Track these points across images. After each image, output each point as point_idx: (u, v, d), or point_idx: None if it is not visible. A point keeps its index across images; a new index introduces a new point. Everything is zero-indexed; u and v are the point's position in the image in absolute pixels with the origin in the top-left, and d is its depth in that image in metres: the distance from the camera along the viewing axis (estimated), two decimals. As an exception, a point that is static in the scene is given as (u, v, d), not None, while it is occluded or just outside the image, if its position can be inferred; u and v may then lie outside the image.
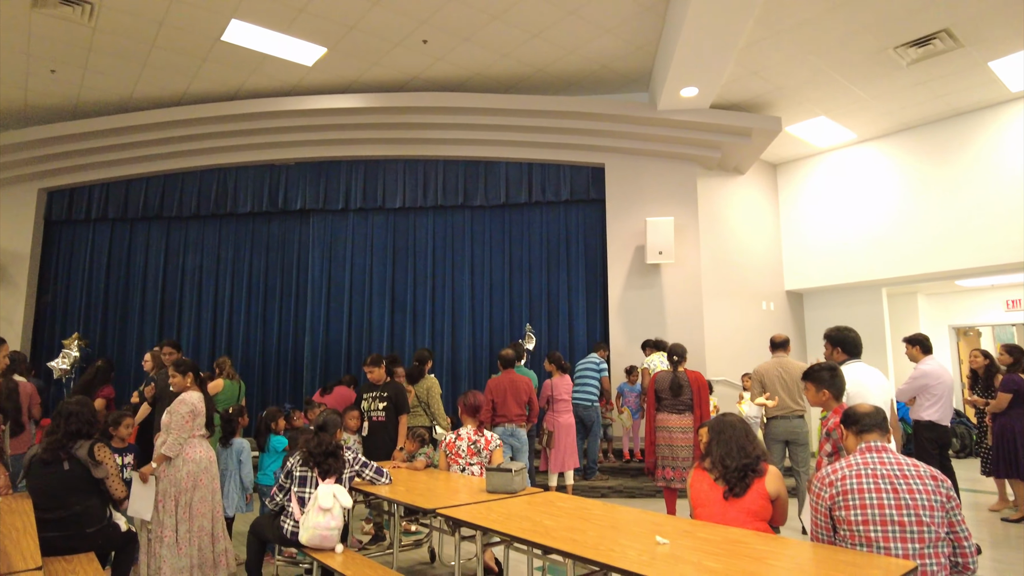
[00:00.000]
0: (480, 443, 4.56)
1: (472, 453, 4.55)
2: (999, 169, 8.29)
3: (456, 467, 4.59)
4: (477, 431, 4.62)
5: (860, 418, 2.68)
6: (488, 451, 4.56)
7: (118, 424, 4.39)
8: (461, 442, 4.58)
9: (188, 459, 4.07)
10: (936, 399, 5.59)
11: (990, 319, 11.27)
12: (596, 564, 2.43)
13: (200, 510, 4.08)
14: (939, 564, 2.35)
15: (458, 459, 4.57)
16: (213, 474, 4.23)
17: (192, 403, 4.14)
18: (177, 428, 4.03)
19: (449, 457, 4.62)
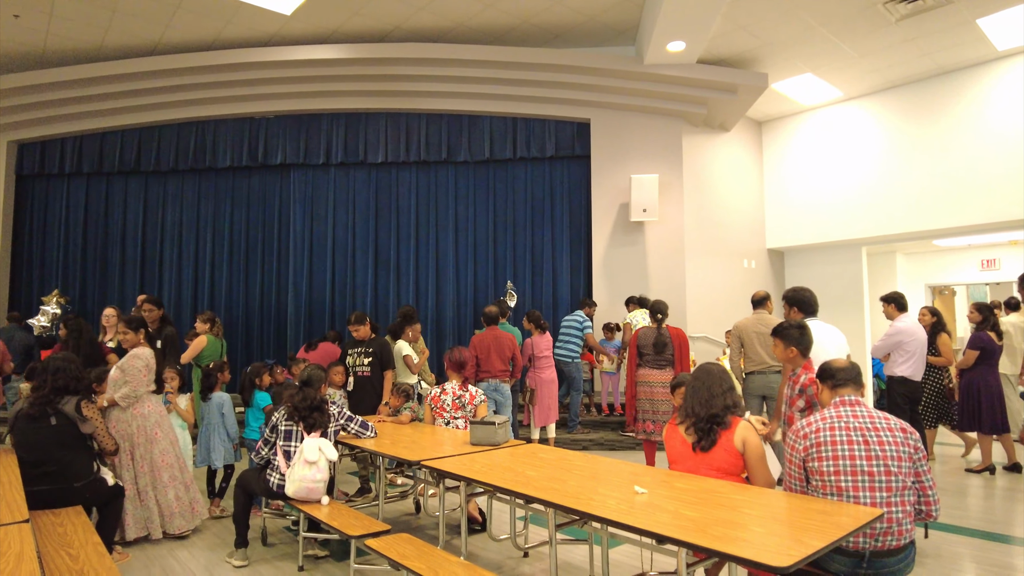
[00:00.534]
0: (465, 398, 4.62)
1: (457, 407, 4.61)
2: (981, 130, 8.32)
3: (441, 420, 4.65)
4: (462, 386, 4.68)
5: (835, 373, 2.75)
6: (473, 405, 4.63)
7: (101, 380, 4.38)
8: (446, 396, 4.64)
9: (137, 414, 4.16)
10: (909, 355, 5.72)
11: (965, 278, 11.48)
12: (577, 513, 2.51)
13: (164, 462, 4.20)
14: (904, 511, 2.45)
15: (443, 413, 4.64)
16: (167, 427, 4.33)
17: (145, 358, 4.23)
18: (134, 381, 4.11)
19: (434, 411, 4.69)
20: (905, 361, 5.72)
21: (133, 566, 3.82)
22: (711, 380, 3.02)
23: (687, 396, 3.06)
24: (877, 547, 2.43)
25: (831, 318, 9.60)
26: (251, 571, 3.75)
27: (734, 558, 1.97)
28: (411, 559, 2.81)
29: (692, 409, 2.98)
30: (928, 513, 2.56)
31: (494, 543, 4.07)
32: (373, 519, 3.46)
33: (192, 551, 4.10)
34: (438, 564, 2.75)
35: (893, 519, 2.43)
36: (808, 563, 2.14)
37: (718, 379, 3.03)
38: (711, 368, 3.10)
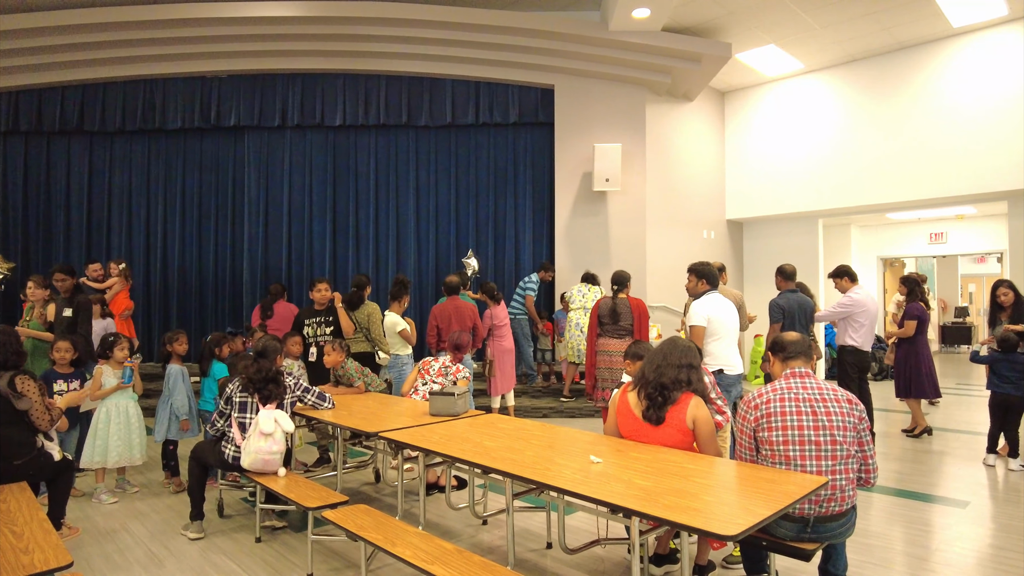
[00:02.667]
0: (451, 368, 4.57)
1: (440, 374, 4.56)
2: (934, 106, 8.51)
3: (420, 381, 4.59)
4: (454, 360, 4.62)
5: (787, 346, 2.81)
6: (455, 377, 4.57)
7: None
8: (436, 363, 4.58)
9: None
10: (860, 326, 5.92)
11: (914, 251, 11.88)
12: (534, 483, 2.53)
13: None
14: (847, 478, 2.55)
15: (426, 374, 4.57)
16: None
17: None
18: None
19: (420, 372, 4.63)
20: (856, 331, 5.92)
21: (84, 540, 3.75)
22: (669, 349, 3.00)
23: (644, 362, 3.08)
24: (821, 513, 2.53)
25: (786, 288, 9.67)
26: (207, 543, 3.72)
27: (684, 527, 2.02)
28: (368, 530, 2.81)
29: (643, 373, 3.00)
30: (867, 480, 2.67)
31: (453, 511, 4.11)
32: (331, 490, 3.45)
33: (147, 524, 4.03)
34: (395, 535, 2.75)
35: (837, 486, 2.52)
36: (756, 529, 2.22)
37: (679, 352, 2.99)
38: (677, 341, 3.07)
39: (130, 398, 4.59)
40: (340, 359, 4.91)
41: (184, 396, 4.73)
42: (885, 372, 10.34)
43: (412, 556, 2.49)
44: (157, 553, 3.56)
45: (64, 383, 4.36)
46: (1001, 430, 5.26)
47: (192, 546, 3.66)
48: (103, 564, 3.42)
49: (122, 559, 3.48)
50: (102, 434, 4.38)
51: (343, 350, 4.94)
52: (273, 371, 3.74)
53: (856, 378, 5.92)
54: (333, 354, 4.90)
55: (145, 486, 4.84)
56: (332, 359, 4.90)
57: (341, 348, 4.93)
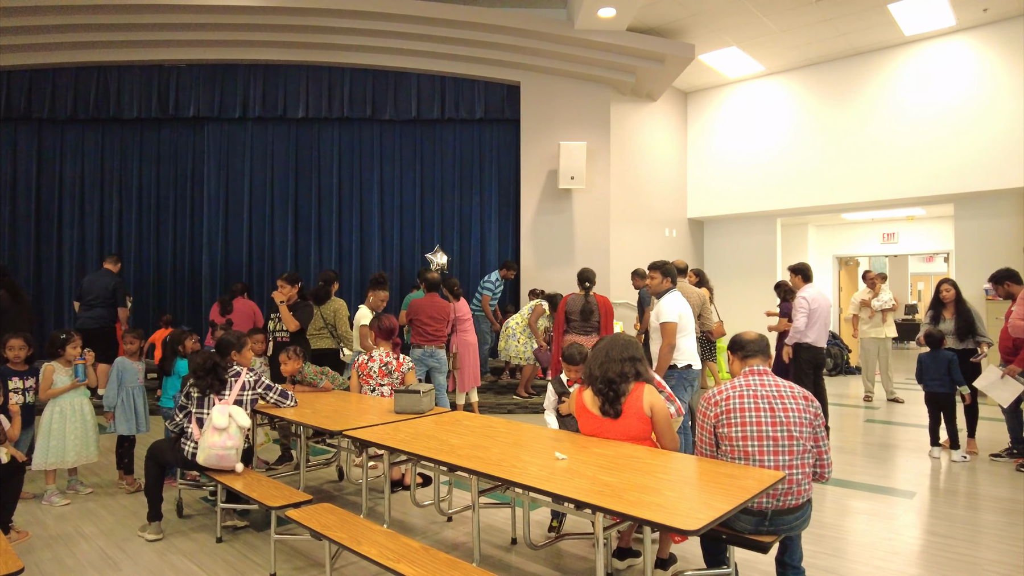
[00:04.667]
0: (392, 365, 4.57)
1: (383, 374, 4.56)
2: (887, 111, 8.81)
3: (367, 388, 4.60)
4: (389, 353, 4.62)
5: (745, 344, 2.89)
6: (400, 372, 4.58)
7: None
8: (373, 363, 4.57)
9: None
10: (813, 323, 6.05)
11: (868, 250, 12.27)
12: (499, 480, 2.55)
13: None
14: (803, 473, 2.64)
15: (369, 380, 4.58)
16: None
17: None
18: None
19: (361, 378, 4.62)
20: (810, 329, 6.05)
21: (34, 544, 3.63)
22: (611, 345, 3.08)
23: (588, 359, 3.16)
24: (779, 506, 2.61)
25: (746, 286, 10.03)
26: (166, 544, 3.64)
27: (647, 522, 2.06)
28: (333, 529, 2.79)
29: (589, 370, 3.07)
30: (822, 475, 2.76)
31: (417, 508, 4.10)
32: (294, 489, 3.41)
33: (101, 526, 3.92)
34: (360, 533, 2.74)
35: (793, 480, 2.60)
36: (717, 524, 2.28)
37: (621, 346, 3.07)
38: (618, 337, 3.18)
39: (83, 395, 4.45)
40: (297, 367, 4.79)
41: (114, 388, 4.58)
42: (840, 368, 10.67)
43: (378, 555, 2.49)
44: (112, 556, 3.46)
45: (20, 380, 4.21)
46: (939, 424, 5.50)
47: (150, 547, 3.58)
48: (54, 568, 3.32)
49: (74, 562, 3.38)
50: (57, 434, 4.24)
51: (299, 357, 4.82)
52: (210, 362, 3.67)
53: (811, 374, 6.07)
54: (289, 363, 4.76)
55: (99, 486, 4.70)
56: (289, 368, 4.77)
57: (297, 355, 4.80)
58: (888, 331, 8.08)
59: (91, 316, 6.69)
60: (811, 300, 6.03)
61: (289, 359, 4.75)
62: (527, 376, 7.54)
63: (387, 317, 4.68)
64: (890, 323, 8.13)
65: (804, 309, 6.01)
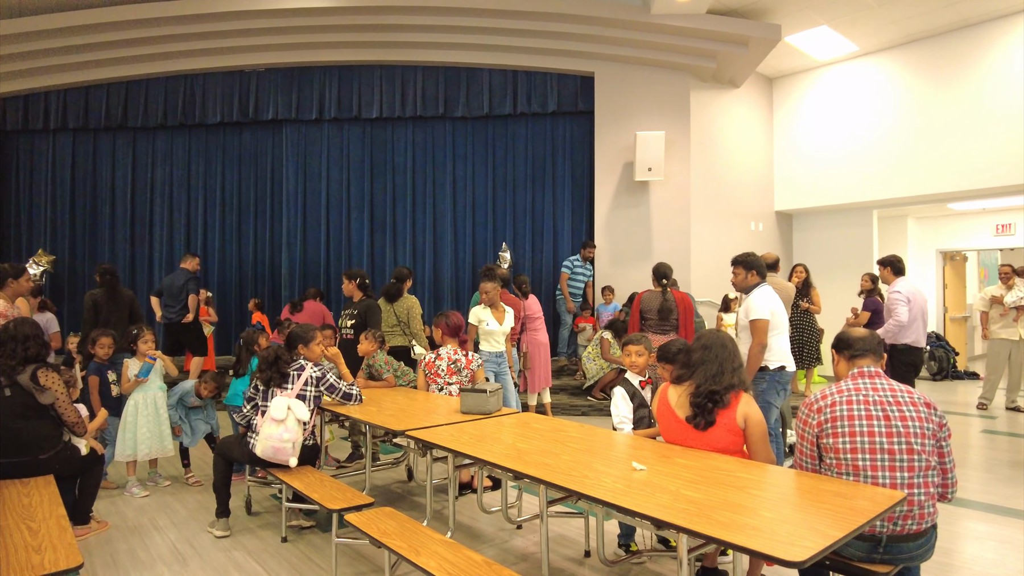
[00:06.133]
0: (461, 362, 4.42)
1: (452, 372, 4.41)
2: (1002, 88, 7.92)
3: (435, 387, 4.46)
4: (457, 351, 4.47)
5: (853, 342, 2.51)
6: (470, 370, 4.43)
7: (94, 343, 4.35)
8: (441, 361, 4.44)
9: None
10: (912, 321, 5.41)
11: (978, 243, 11.17)
12: (570, 491, 2.31)
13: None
14: (927, 494, 2.25)
15: (437, 379, 4.44)
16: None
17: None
18: None
19: (428, 376, 4.49)
20: (908, 327, 5.43)
21: (112, 535, 3.68)
22: (725, 355, 2.76)
23: (696, 367, 2.80)
24: (896, 531, 2.24)
25: (839, 282, 9.32)
26: (232, 541, 3.61)
27: (744, 549, 1.77)
28: (392, 536, 2.63)
29: (698, 385, 2.74)
30: (944, 495, 2.36)
31: (485, 515, 3.92)
32: (356, 491, 3.29)
33: (175, 519, 3.96)
34: (420, 542, 2.57)
35: (915, 502, 2.22)
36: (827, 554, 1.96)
37: (731, 354, 2.78)
38: (725, 341, 2.83)
39: (159, 388, 4.53)
40: (372, 349, 4.85)
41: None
42: (946, 371, 9.76)
43: (436, 568, 2.30)
44: (182, 550, 3.46)
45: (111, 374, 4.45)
46: None
47: (217, 544, 3.56)
48: (127, 560, 3.34)
49: (147, 555, 3.39)
50: (131, 427, 4.33)
51: (376, 340, 4.85)
52: (274, 355, 3.62)
53: (912, 379, 5.43)
54: (365, 343, 4.86)
55: (177, 479, 4.79)
56: (363, 348, 4.87)
57: (374, 339, 4.85)
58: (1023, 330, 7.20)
59: (172, 312, 6.95)
60: (909, 294, 5.40)
61: (366, 339, 4.83)
62: (608, 378, 7.22)
63: (454, 313, 4.53)
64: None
65: (902, 302, 5.34)
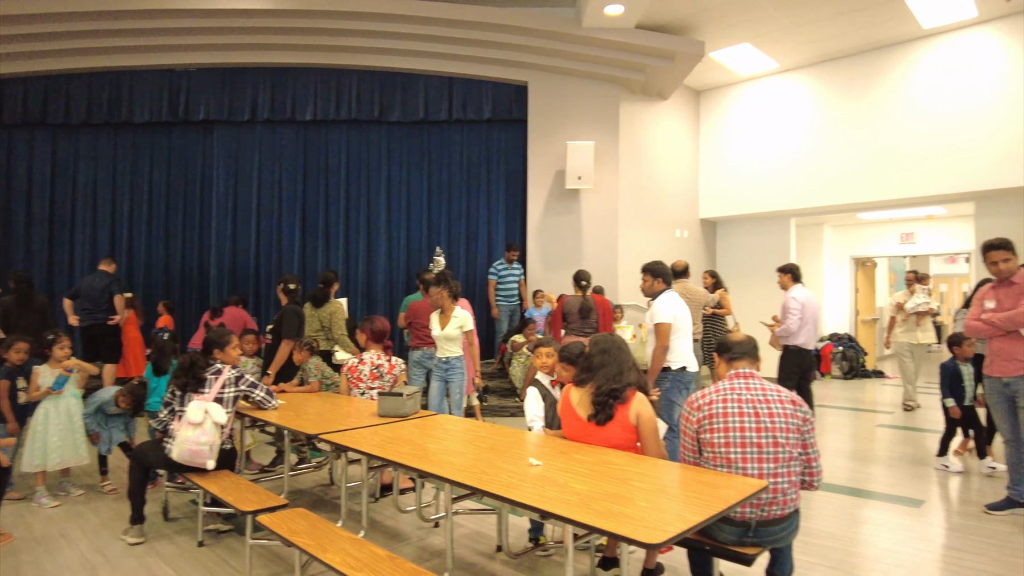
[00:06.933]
0: (384, 367, 4.50)
1: (374, 377, 4.48)
2: (905, 107, 8.53)
3: (357, 391, 4.53)
4: (380, 356, 4.55)
5: (732, 347, 2.75)
6: (392, 375, 4.51)
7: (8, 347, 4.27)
8: (364, 367, 4.50)
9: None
10: (803, 325, 5.74)
11: (886, 251, 11.93)
12: (467, 487, 2.45)
13: None
14: (790, 482, 2.49)
15: (359, 383, 4.51)
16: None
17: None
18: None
19: (350, 381, 4.55)
20: (799, 330, 5.77)
21: (17, 547, 3.61)
22: (622, 356, 2.96)
23: (597, 369, 2.97)
24: (763, 517, 2.47)
25: (760, 287, 9.75)
26: (147, 548, 3.59)
27: (610, 534, 1.94)
28: (302, 535, 2.71)
29: (599, 385, 2.93)
30: (811, 483, 2.61)
31: (405, 514, 4.02)
32: (272, 494, 3.34)
33: (86, 529, 3.90)
34: (329, 540, 2.66)
35: (778, 489, 2.46)
36: (695, 533, 2.16)
37: (627, 355, 2.98)
38: (620, 344, 3.02)
39: (72, 395, 4.44)
40: (304, 358, 5.08)
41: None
42: (856, 371, 10.37)
43: (340, 563, 2.40)
44: (91, 559, 3.43)
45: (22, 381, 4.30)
46: (951, 434, 5.22)
47: (130, 551, 3.54)
48: (32, 571, 3.28)
49: (53, 566, 3.34)
50: (40, 435, 4.23)
51: (304, 349, 5.04)
52: (189, 360, 3.66)
53: (796, 377, 5.75)
54: (297, 353, 5.09)
55: (92, 487, 4.69)
56: (297, 357, 5.10)
57: (302, 347, 5.01)
58: (923, 336, 7.64)
59: (92, 316, 6.76)
60: (803, 301, 5.77)
61: (297, 349, 5.06)
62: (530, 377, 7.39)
63: (379, 319, 4.61)
64: (926, 327, 7.67)
65: (796, 310, 5.71)
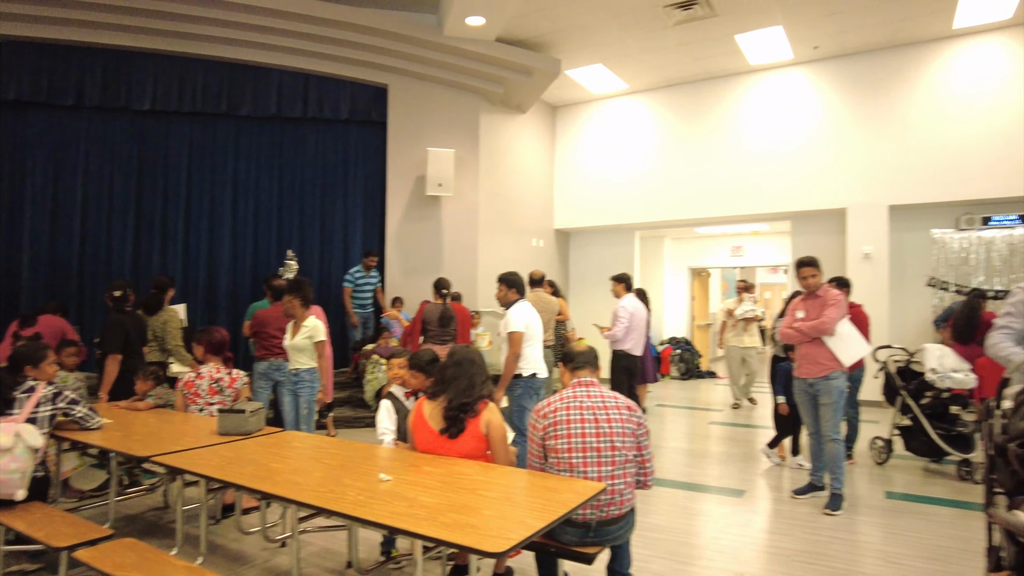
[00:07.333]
0: (224, 381, 4.24)
1: (213, 392, 4.22)
2: (736, 133, 9.49)
3: (195, 407, 4.23)
4: (220, 368, 4.28)
5: (574, 357, 2.92)
6: (233, 390, 4.26)
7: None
8: (201, 381, 4.22)
9: None
10: (631, 331, 6.17)
11: (718, 262, 13.15)
12: (313, 508, 2.39)
13: None
14: (626, 483, 2.69)
15: (197, 399, 4.22)
16: None
17: None
18: None
19: (187, 397, 4.25)
20: (627, 337, 6.16)
21: None
22: (474, 370, 3.01)
23: (449, 383, 2.99)
24: (603, 517, 2.64)
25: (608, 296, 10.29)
26: (-68, 595, 3.12)
27: (455, 545, 1.99)
28: (128, 570, 2.49)
29: (451, 399, 2.96)
30: (644, 483, 2.83)
31: (252, 535, 3.81)
32: (94, 524, 3.03)
33: None
34: (161, 572, 2.47)
35: (616, 490, 2.64)
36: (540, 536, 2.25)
37: (480, 369, 3.04)
38: (474, 357, 3.08)
39: None
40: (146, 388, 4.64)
41: None
42: (691, 372, 11.32)
43: (171, 596, 2.25)
44: None
45: None
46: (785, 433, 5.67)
47: (-90, 601, 3.06)
48: None
49: None
50: None
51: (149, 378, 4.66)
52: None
53: (626, 381, 6.12)
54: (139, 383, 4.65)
55: None
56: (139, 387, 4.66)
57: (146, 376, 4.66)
58: (749, 340, 8.42)
59: None
60: (632, 310, 6.19)
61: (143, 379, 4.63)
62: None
63: (217, 330, 4.34)
64: (753, 332, 8.48)
65: (624, 319, 6.09)
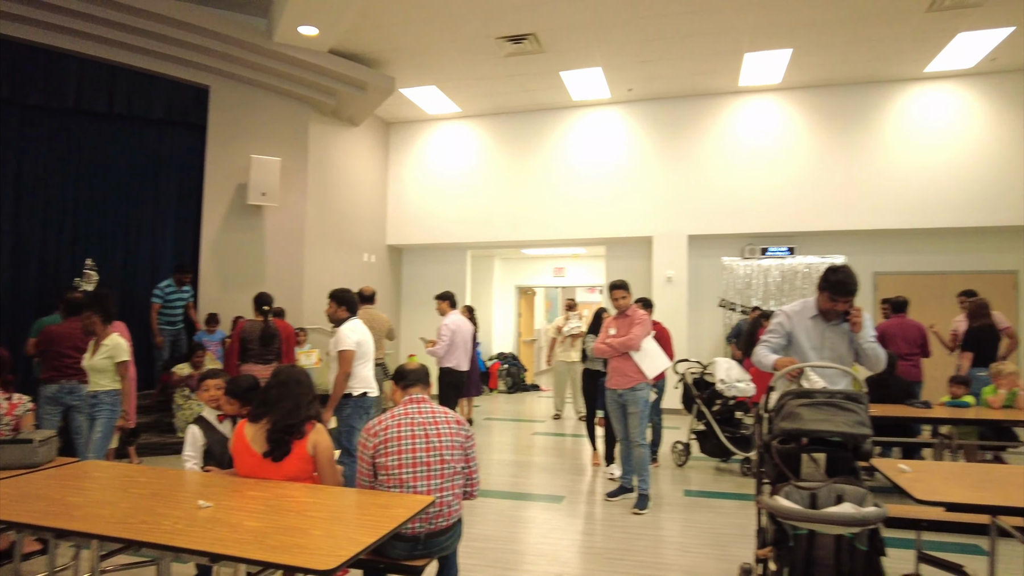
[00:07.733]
0: (2, 408, 3.71)
1: (-11, 420, 3.68)
2: (559, 162, 10.20)
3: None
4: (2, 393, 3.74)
5: (407, 375, 3.00)
6: (13, 417, 3.74)
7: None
8: (-26, 407, 3.66)
9: None
10: (455, 348, 6.46)
11: (543, 282, 13.93)
12: (122, 541, 2.21)
13: None
14: (454, 494, 2.82)
15: (-34, 428, 3.65)
16: None
17: None
18: None
19: (-49, 425, 3.66)
20: (451, 353, 6.42)
21: None
22: (300, 390, 2.94)
23: (273, 404, 2.90)
24: (432, 529, 2.73)
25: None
26: None
27: (283, 566, 1.97)
28: None
29: (275, 421, 2.87)
30: (471, 493, 2.98)
31: (31, 581, 3.37)
32: None
33: None
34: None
35: (444, 502, 2.76)
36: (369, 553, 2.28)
37: (307, 388, 2.98)
38: (300, 377, 3.01)
39: None
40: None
41: None
42: (518, 385, 11.83)
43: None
44: None
45: None
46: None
47: None
48: None
49: None
50: None
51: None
52: None
53: (453, 396, 6.43)
54: None
55: None
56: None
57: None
58: (575, 354, 8.89)
59: None
60: (455, 326, 6.46)
61: None
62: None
63: None
64: (577, 347, 8.87)
65: (446, 336, 6.38)
